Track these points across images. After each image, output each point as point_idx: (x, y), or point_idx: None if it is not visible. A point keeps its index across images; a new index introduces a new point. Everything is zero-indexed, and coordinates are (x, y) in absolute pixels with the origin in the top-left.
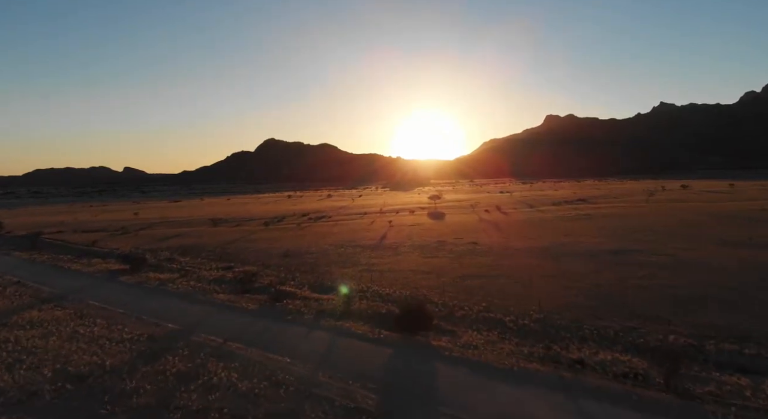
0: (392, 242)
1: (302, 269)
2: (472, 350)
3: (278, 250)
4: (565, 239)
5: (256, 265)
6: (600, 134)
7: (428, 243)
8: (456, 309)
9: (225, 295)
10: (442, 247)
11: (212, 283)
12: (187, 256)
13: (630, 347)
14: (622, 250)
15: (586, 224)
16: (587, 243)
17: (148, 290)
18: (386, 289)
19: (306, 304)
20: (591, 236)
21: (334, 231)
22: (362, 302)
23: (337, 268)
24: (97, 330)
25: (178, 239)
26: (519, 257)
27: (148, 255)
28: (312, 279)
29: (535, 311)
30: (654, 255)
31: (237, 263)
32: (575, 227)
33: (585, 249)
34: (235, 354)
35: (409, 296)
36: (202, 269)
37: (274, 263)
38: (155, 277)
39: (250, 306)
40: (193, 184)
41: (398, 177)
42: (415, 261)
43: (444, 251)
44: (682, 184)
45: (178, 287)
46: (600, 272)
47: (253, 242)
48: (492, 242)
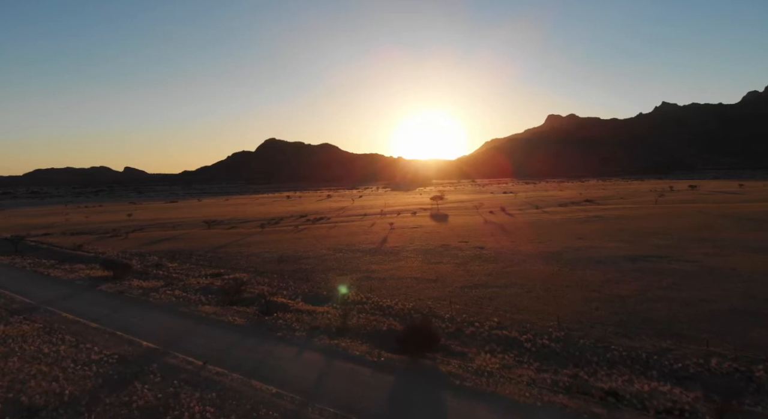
0: (393, 246)
1: (297, 276)
2: (486, 378)
3: (273, 255)
4: (577, 243)
5: (247, 272)
6: (602, 133)
7: (432, 247)
8: (465, 325)
9: (211, 307)
10: (446, 252)
11: (198, 293)
12: (176, 261)
13: (667, 373)
14: (640, 256)
15: (598, 226)
16: (602, 248)
17: (128, 301)
18: (387, 300)
19: (298, 318)
20: (605, 240)
21: (333, 234)
22: (360, 315)
23: (334, 275)
24: (64, 349)
25: (169, 243)
26: (530, 263)
27: (135, 260)
28: (306, 288)
29: (554, 327)
30: (676, 262)
31: (228, 269)
32: (587, 230)
33: (601, 255)
34: (214, 381)
35: (413, 310)
36: (189, 276)
37: (267, 269)
38: (138, 285)
39: (237, 321)
40: (193, 184)
41: (399, 177)
42: (418, 268)
43: (449, 257)
44: (690, 184)
45: (161, 297)
46: (621, 282)
47: (246, 246)
48: (499, 246)
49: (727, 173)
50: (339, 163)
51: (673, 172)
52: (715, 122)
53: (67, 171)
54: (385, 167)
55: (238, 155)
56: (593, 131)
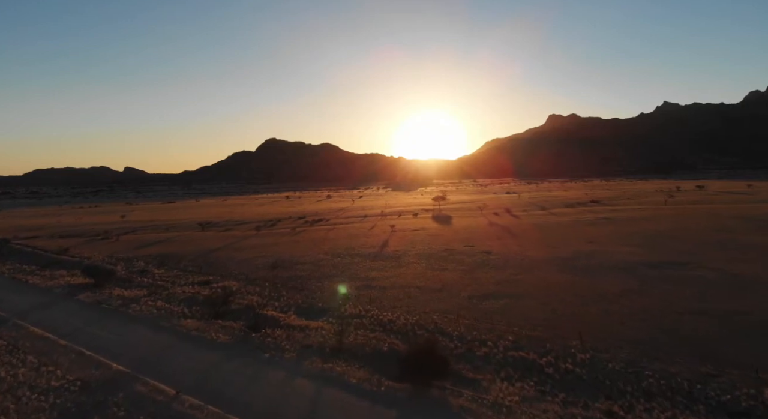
0: (395, 250)
1: (291, 284)
2: (505, 415)
3: (267, 260)
4: (589, 247)
5: (238, 279)
6: (603, 133)
7: (435, 252)
8: (476, 345)
9: (194, 321)
10: (451, 257)
11: (182, 303)
12: (164, 267)
13: (716, 407)
14: (660, 262)
15: (609, 229)
16: (616, 253)
17: (105, 313)
18: (388, 313)
19: (289, 335)
20: (618, 244)
21: (331, 237)
22: (358, 332)
23: (331, 283)
24: (23, 373)
25: (159, 246)
26: (542, 270)
27: (120, 266)
28: (300, 299)
29: (576, 348)
30: (699, 269)
31: (217, 276)
32: (597, 233)
33: (616, 261)
34: (187, 416)
35: (417, 325)
36: (175, 284)
37: (259, 276)
38: (119, 295)
39: (221, 338)
40: (193, 184)
41: (400, 177)
42: (422, 275)
43: (454, 262)
44: (697, 185)
45: (141, 308)
46: (642, 292)
47: (240, 250)
48: (507, 250)
49: (729, 172)
50: (339, 163)
51: (675, 172)
52: (717, 122)
53: (67, 171)
54: (386, 167)
55: (239, 155)
56: (594, 130)
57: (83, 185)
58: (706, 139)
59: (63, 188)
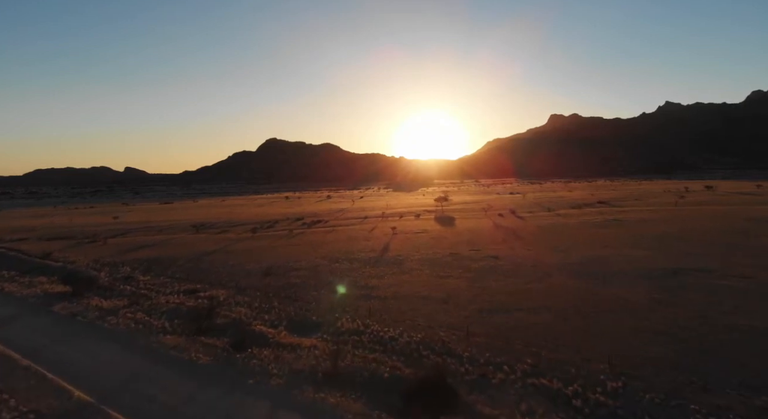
0: (396, 255)
1: (284, 293)
2: None
3: (260, 265)
4: (603, 252)
5: (227, 287)
6: (604, 133)
7: (439, 257)
8: (491, 370)
9: (174, 337)
10: (456, 262)
11: (164, 316)
12: (151, 273)
13: None
14: (681, 269)
15: (621, 231)
16: (632, 258)
17: (78, 328)
18: (389, 329)
19: (278, 356)
20: (633, 248)
21: (330, 240)
22: (356, 352)
23: (327, 293)
24: None
25: (149, 250)
26: (555, 277)
27: (105, 272)
28: (293, 311)
29: (606, 373)
30: (727, 277)
31: (206, 284)
32: (610, 237)
33: (635, 267)
34: None
35: (422, 343)
36: (160, 293)
37: (251, 284)
38: (97, 305)
39: (202, 359)
40: (193, 184)
41: (401, 177)
42: (426, 282)
43: (460, 268)
44: (706, 185)
45: (119, 322)
46: (670, 304)
47: (233, 255)
48: (515, 255)
49: (734, 172)
50: (340, 163)
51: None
52: (719, 122)
53: (67, 171)
54: (387, 166)
55: (239, 154)
56: (596, 130)
57: (83, 185)
58: (708, 139)
59: (63, 188)
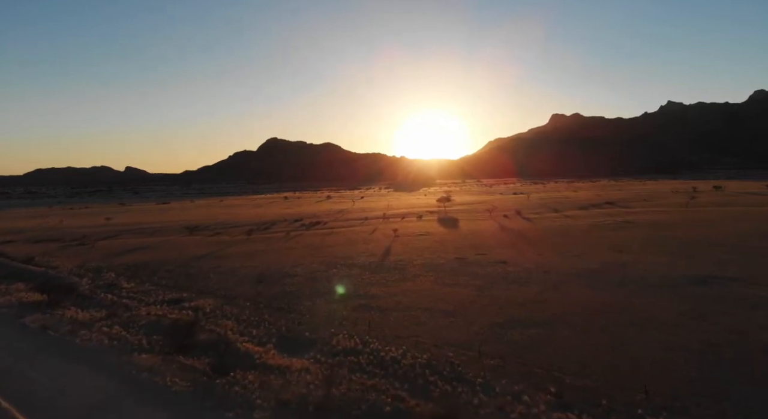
0: (398, 260)
1: (276, 304)
2: None
3: (253, 271)
4: (618, 257)
5: (216, 296)
6: (606, 133)
7: (444, 262)
8: (509, 401)
9: (150, 356)
10: (462, 268)
11: (142, 331)
12: (136, 279)
13: None
14: (706, 276)
15: (633, 234)
16: (651, 264)
17: (47, 344)
18: (391, 348)
19: (264, 382)
20: (650, 253)
21: (328, 243)
22: (353, 377)
23: (323, 302)
24: None
25: (138, 254)
26: (571, 286)
27: (87, 278)
28: (284, 325)
29: (644, 405)
30: (756, 286)
31: (193, 292)
32: (623, 240)
33: (654, 274)
34: None
35: (428, 366)
36: (142, 302)
37: (241, 292)
38: (72, 317)
39: (178, 385)
40: (194, 184)
41: (402, 177)
42: (430, 291)
43: (466, 275)
44: (714, 185)
45: (92, 337)
46: (701, 318)
47: (225, 259)
48: (525, 260)
49: (739, 172)
50: (341, 162)
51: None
52: (722, 122)
53: (68, 171)
54: (388, 166)
55: (240, 154)
56: (598, 130)
57: (83, 185)
58: (710, 138)
59: (62, 188)
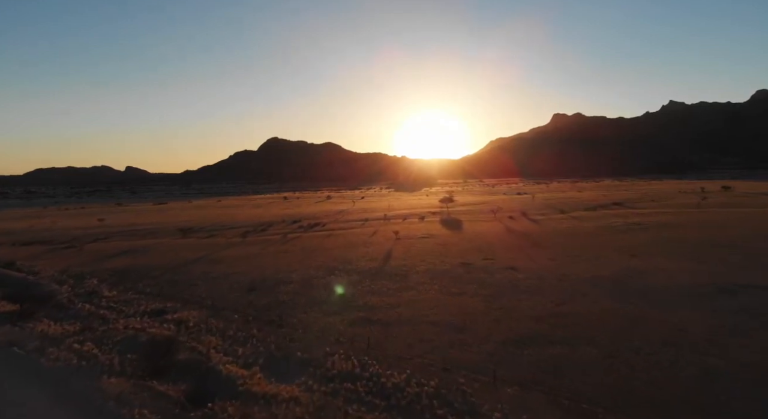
0: (400, 265)
1: (267, 316)
2: None
3: (245, 277)
4: (634, 262)
5: (202, 307)
6: (608, 133)
7: (448, 268)
8: None
9: (120, 381)
10: (469, 275)
11: (116, 349)
12: (119, 287)
13: None
14: (735, 285)
15: (646, 237)
16: (671, 270)
17: (9, 363)
18: (393, 372)
19: (246, 416)
20: (668, 258)
21: (327, 246)
22: (350, 410)
23: (319, 314)
24: None
25: (127, 258)
26: (589, 296)
27: (68, 286)
28: (274, 343)
29: None
30: None
31: (178, 302)
32: (636, 243)
33: (679, 283)
34: None
35: (436, 395)
36: (122, 314)
37: (230, 302)
38: (42, 331)
39: (146, 418)
40: (194, 184)
41: (403, 177)
42: (435, 302)
43: (473, 283)
44: (722, 185)
45: (59, 355)
46: (737, 333)
47: (217, 264)
48: (536, 266)
49: (742, 172)
50: (342, 162)
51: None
52: (724, 121)
53: (68, 171)
54: (389, 166)
55: (240, 154)
56: (599, 130)
57: (83, 184)
58: (713, 138)
59: (62, 188)
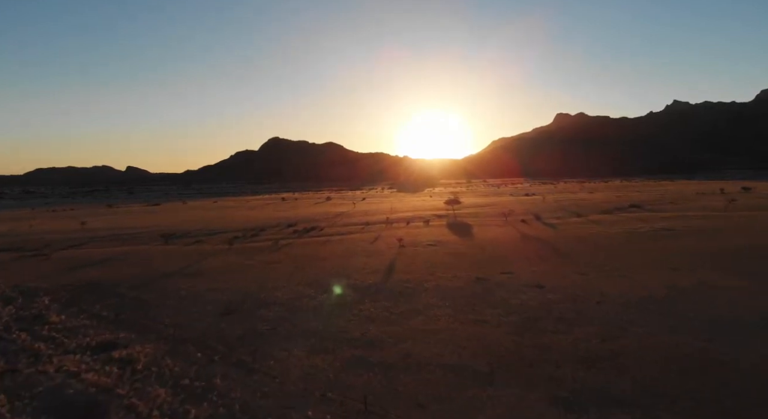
0: (405, 280)
1: (237, 353)
2: None
3: (221, 296)
4: (677, 278)
5: (162, 337)
6: (611, 132)
7: (462, 285)
8: None
9: None
10: (488, 295)
11: (30, 407)
12: (72, 308)
13: None
14: None
15: (681, 246)
16: (725, 290)
17: None
18: None
19: None
20: (713, 272)
21: (322, 254)
22: None
23: (303, 351)
24: None
25: (94, 270)
26: (641, 327)
27: (12, 306)
28: (240, 398)
29: None
30: None
31: (134, 331)
32: (671, 253)
33: (741, 308)
34: None
35: None
36: (60, 348)
37: (197, 332)
38: None
39: None
40: (194, 184)
41: (405, 177)
42: (450, 333)
43: (495, 307)
44: (742, 186)
45: None
46: None
47: (193, 278)
48: (566, 283)
49: (758, 173)
50: (344, 162)
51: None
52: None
53: (68, 170)
54: (391, 166)
55: (241, 154)
56: (603, 129)
57: (83, 184)
58: (717, 138)
59: (60, 187)
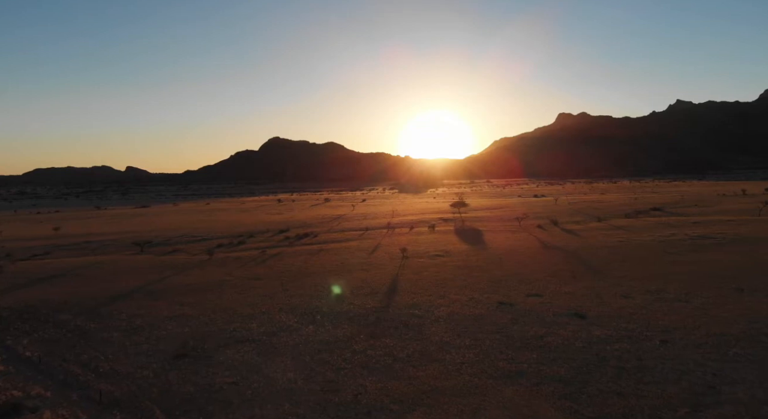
0: (411, 305)
1: None
2: None
3: (180, 328)
4: (750, 302)
5: (85, 399)
6: (614, 132)
7: (483, 312)
8: None
9: None
10: (517, 328)
11: None
12: None
13: None
14: None
15: (729, 258)
16: None
17: None
18: None
19: None
20: None
21: (313, 268)
22: None
23: None
24: None
25: (47, 286)
26: (732, 385)
27: None
28: None
29: None
30: None
31: (54, 385)
32: (722, 267)
33: None
34: None
35: None
36: None
37: (134, 387)
38: None
39: None
40: (194, 184)
41: (407, 177)
42: (479, 394)
43: (530, 349)
44: (766, 187)
45: None
46: None
47: (156, 299)
48: (611, 310)
49: (758, 173)
50: (345, 162)
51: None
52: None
53: (68, 170)
54: (392, 166)
55: (242, 154)
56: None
57: (82, 184)
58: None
59: (58, 188)
